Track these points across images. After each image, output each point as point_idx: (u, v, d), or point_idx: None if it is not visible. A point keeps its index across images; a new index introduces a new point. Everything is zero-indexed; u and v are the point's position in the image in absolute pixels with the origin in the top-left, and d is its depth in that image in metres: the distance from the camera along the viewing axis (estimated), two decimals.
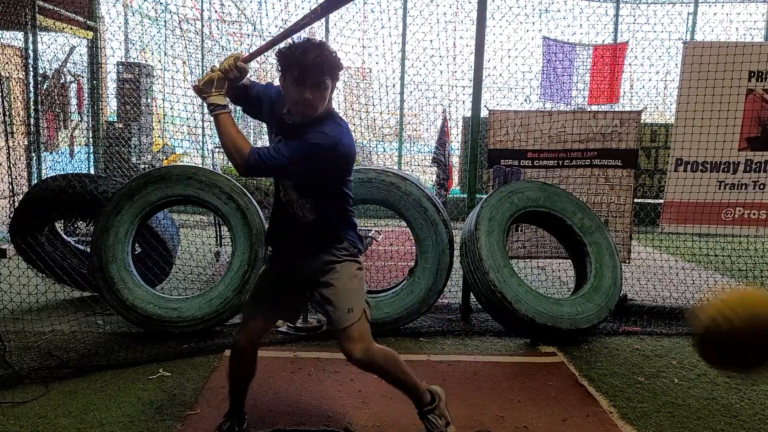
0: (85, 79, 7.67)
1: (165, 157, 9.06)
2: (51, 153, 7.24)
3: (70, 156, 7.77)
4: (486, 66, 4.72)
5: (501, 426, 2.97)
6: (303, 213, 2.50)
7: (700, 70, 4.73)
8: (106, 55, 7.93)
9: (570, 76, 9.19)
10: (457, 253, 4.45)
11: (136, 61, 9.40)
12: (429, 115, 9.54)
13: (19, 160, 6.44)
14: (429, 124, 9.76)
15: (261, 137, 11.32)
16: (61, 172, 5.54)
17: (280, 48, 2.34)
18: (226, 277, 4.15)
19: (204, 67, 9.37)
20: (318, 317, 4.35)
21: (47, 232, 4.94)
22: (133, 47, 9.92)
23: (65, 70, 7.38)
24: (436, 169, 9.96)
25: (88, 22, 7.43)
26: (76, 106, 7.76)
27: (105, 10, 8.12)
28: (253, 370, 2.70)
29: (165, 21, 9.10)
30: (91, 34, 7.50)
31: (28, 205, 4.62)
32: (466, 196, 4.99)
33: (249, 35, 10.04)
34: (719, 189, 4.91)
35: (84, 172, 6.88)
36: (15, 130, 6.96)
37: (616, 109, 8.32)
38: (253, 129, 11.27)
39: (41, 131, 6.79)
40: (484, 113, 4.73)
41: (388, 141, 10.31)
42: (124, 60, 9.24)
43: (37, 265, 4.71)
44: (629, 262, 5.01)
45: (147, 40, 9.55)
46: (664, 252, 5.96)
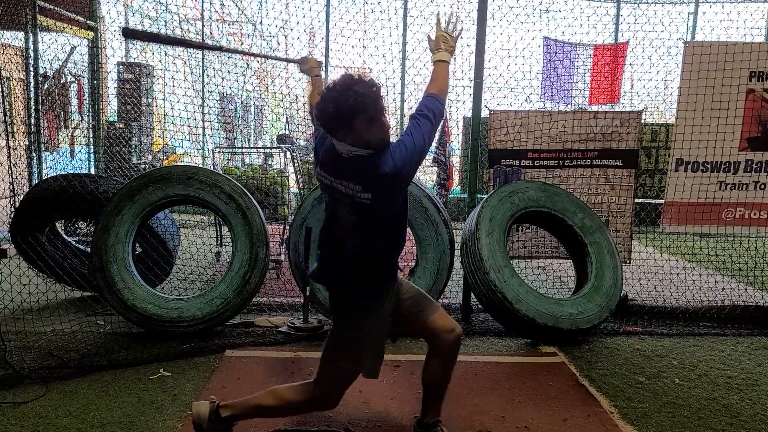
0: (86, 79, 7.67)
1: (165, 157, 9.06)
2: (51, 153, 7.23)
3: (71, 156, 7.77)
4: (486, 66, 4.72)
5: (502, 426, 2.97)
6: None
7: (700, 69, 4.73)
8: (106, 55, 7.94)
9: (570, 76, 9.18)
10: (457, 253, 4.45)
11: (137, 61, 9.40)
12: None
13: (19, 160, 6.44)
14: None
15: (261, 138, 11.32)
16: (62, 172, 5.54)
17: (341, 103, 2.21)
18: (227, 277, 4.15)
19: (205, 67, 9.38)
20: (318, 317, 4.35)
21: (48, 232, 4.94)
22: (134, 47, 9.92)
23: (66, 70, 7.38)
24: (436, 169, 9.96)
25: (88, 22, 7.43)
26: (76, 106, 7.76)
27: (105, 10, 8.13)
28: None
29: (165, 21, 9.10)
30: (91, 34, 7.50)
31: (28, 205, 4.62)
32: (466, 196, 4.99)
33: (249, 35, 10.04)
34: (720, 189, 4.91)
35: (84, 172, 6.88)
36: (16, 130, 6.97)
37: (617, 109, 8.33)
38: (253, 129, 11.26)
39: (42, 131, 6.79)
40: (484, 113, 4.73)
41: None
42: (124, 60, 9.25)
43: (37, 265, 4.71)
44: (630, 262, 5.01)
45: None
46: (665, 252, 5.96)
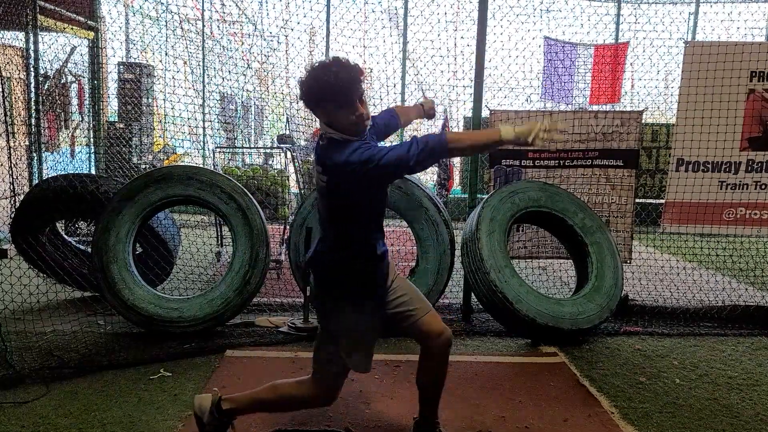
0: (86, 79, 7.68)
1: (166, 157, 9.06)
2: (52, 153, 7.24)
3: (71, 156, 7.77)
4: (487, 66, 4.72)
5: (502, 426, 2.97)
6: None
7: (701, 69, 4.72)
8: (107, 55, 7.94)
9: (571, 75, 9.18)
10: (458, 253, 4.45)
11: (137, 61, 9.41)
12: None
13: (20, 160, 6.43)
14: (430, 124, 9.74)
15: (261, 138, 11.32)
16: (62, 172, 5.54)
17: (309, 83, 2.28)
18: (227, 277, 4.15)
19: (205, 67, 9.38)
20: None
21: (48, 233, 4.95)
22: (134, 47, 9.93)
23: (66, 70, 7.38)
24: (437, 169, 9.96)
25: (89, 22, 7.44)
26: (77, 107, 7.77)
27: (106, 10, 8.14)
28: None
29: (166, 21, 9.10)
30: (92, 34, 7.50)
31: (29, 206, 4.62)
32: (467, 196, 4.98)
33: (250, 35, 10.04)
34: (720, 189, 4.91)
35: (85, 173, 6.88)
36: (16, 131, 6.96)
37: (617, 109, 8.32)
38: (254, 129, 11.26)
39: (42, 131, 6.79)
40: (485, 113, 4.73)
41: (389, 141, 10.31)
42: (125, 60, 9.25)
43: (38, 265, 4.71)
44: (630, 263, 5.00)
45: (148, 40, 9.56)
46: (666, 252, 5.95)
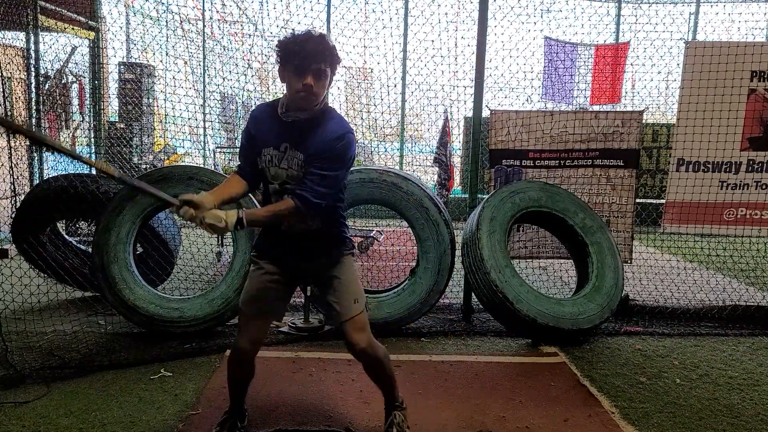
0: (87, 79, 7.68)
1: (166, 157, 9.06)
2: (52, 153, 7.24)
3: None
4: (487, 66, 4.71)
5: (502, 426, 2.97)
6: (310, 221, 2.50)
7: (701, 70, 4.73)
8: (107, 56, 7.94)
9: (572, 76, 9.18)
10: (458, 253, 4.45)
11: (138, 61, 9.41)
12: (430, 115, 9.53)
13: (20, 160, 6.44)
14: (430, 125, 9.75)
15: None
16: (63, 172, 5.54)
17: (281, 39, 2.38)
18: (228, 277, 4.15)
19: (206, 67, 9.38)
20: (320, 317, 4.35)
21: (49, 232, 4.95)
22: (135, 47, 9.93)
23: (67, 70, 7.39)
24: (437, 169, 9.95)
25: (89, 22, 7.44)
26: (77, 107, 7.77)
27: (107, 10, 8.14)
28: (253, 371, 2.71)
29: (166, 21, 9.11)
30: (92, 34, 7.50)
31: (29, 206, 4.62)
32: (467, 196, 4.98)
33: (250, 35, 10.04)
34: (721, 189, 4.91)
35: (86, 172, 6.88)
36: None
37: (618, 109, 8.32)
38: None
39: (43, 131, 6.79)
40: (485, 113, 4.73)
41: (389, 141, 10.31)
42: (125, 60, 9.25)
43: (38, 265, 4.71)
44: (631, 263, 5.00)
45: (148, 40, 9.56)
46: (666, 252, 5.95)
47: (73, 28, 7.21)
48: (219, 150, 7.68)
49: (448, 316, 4.70)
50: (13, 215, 4.66)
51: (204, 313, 4.05)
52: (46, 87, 7.10)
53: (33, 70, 6.63)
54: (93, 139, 7.84)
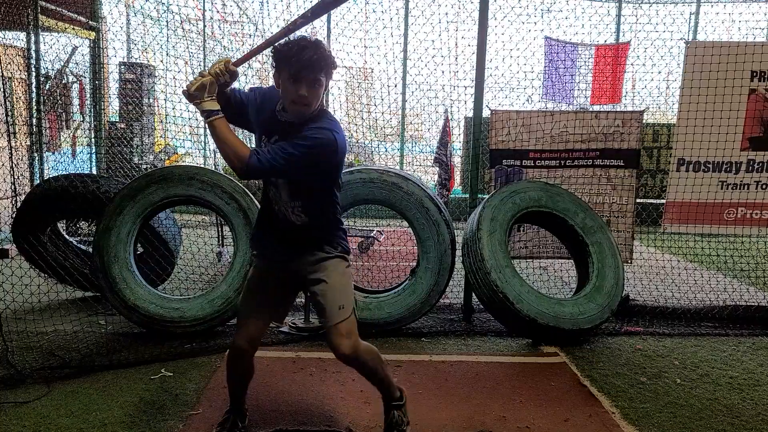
0: (88, 79, 7.68)
1: (167, 157, 9.06)
2: (53, 153, 7.24)
3: (72, 156, 7.78)
4: (488, 66, 4.71)
5: (503, 426, 2.97)
6: (294, 216, 2.50)
7: (702, 70, 4.73)
8: (108, 56, 7.94)
9: (572, 76, 9.17)
10: (458, 253, 4.45)
11: (138, 61, 9.41)
12: (431, 115, 9.52)
13: (21, 160, 6.44)
14: (431, 125, 9.74)
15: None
16: (64, 173, 5.54)
17: (276, 45, 2.35)
18: (228, 277, 4.15)
19: (206, 68, 9.37)
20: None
21: (49, 232, 4.95)
22: (135, 47, 9.93)
23: (67, 70, 7.39)
24: (437, 169, 9.94)
25: (90, 22, 7.44)
26: (78, 107, 7.77)
27: (107, 10, 8.14)
28: (251, 370, 2.71)
29: (167, 21, 9.11)
30: (93, 34, 7.51)
31: (30, 206, 4.62)
32: (468, 196, 4.98)
33: (251, 35, 10.04)
34: (721, 189, 4.91)
35: (86, 173, 6.89)
36: (17, 131, 6.97)
37: (618, 109, 8.31)
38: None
39: (43, 131, 6.80)
40: (486, 113, 4.73)
41: (389, 141, 10.31)
42: (126, 60, 9.25)
43: (39, 265, 4.71)
44: (631, 263, 5.00)
45: (149, 40, 9.56)
46: (666, 252, 5.95)
47: (73, 28, 7.22)
48: None
49: (449, 316, 4.70)
50: (13, 215, 4.66)
51: (204, 313, 4.05)
52: (47, 87, 7.10)
53: (34, 70, 6.63)
54: (93, 139, 7.84)
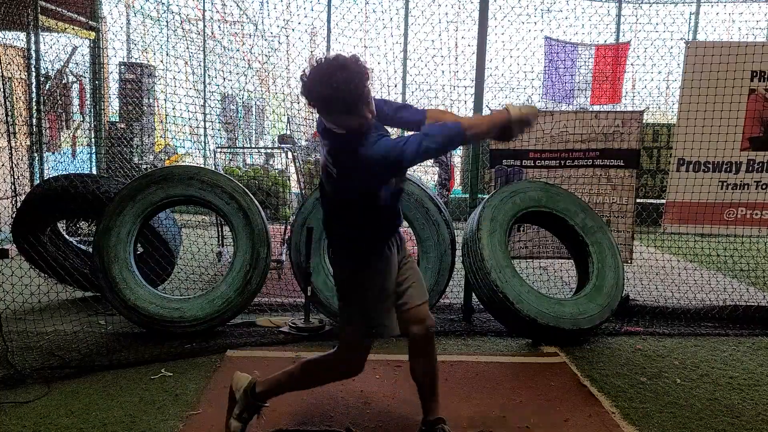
0: (87, 79, 7.68)
1: (167, 157, 9.07)
2: (53, 153, 7.24)
3: (72, 156, 7.78)
4: (488, 66, 4.72)
5: (503, 426, 2.97)
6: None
7: (702, 70, 4.73)
8: (108, 56, 7.94)
9: (572, 76, 9.17)
10: (459, 253, 4.45)
11: (138, 61, 9.41)
12: None
13: (21, 160, 6.44)
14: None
15: (262, 138, 11.31)
16: (64, 173, 5.54)
17: (319, 92, 2.24)
18: (228, 277, 4.15)
19: (206, 68, 9.38)
20: (320, 317, 4.35)
21: (49, 232, 4.95)
22: (135, 47, 9.94)
23: (67, 70, 7.39)
24: (437, 169, 9.97)
25: (90, 22, 7.44)
26: (78, 107, 7.77)
27: (107, 10, 8.14)
28: None
29: (167, 21, 9.11)
30: (93, 34, 7.51)
31: (30, 206, 4.62)
32: (468, 196, 4.99)
33: (251, 36, 10.04)
34: (721, 189, 4.91)
35: (86, 173, 6.89)
36: (17, 131, 6.97)
37: (618, 109, 8.31)
38: (255, 129, 11.26)
39: (43, 132, 6.80)
40: (486, 113, 4.73)
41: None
42: (126, 60, 9.26)
43: (39, 265, 4.71)
44: (631, 263, 5.00)
45: (149, 40, 9.57)
46: (666, 252, 5.95)
47: (73, 28, 7.22)
48: (219, 150, 7.67)
49: (449, 316, 4.70)
50: (13, 215, 4.67)
51: (204, 313, 4.05)
52: (47, 87, 7.10)
53: (34, 70, 6.63)
54: (93, 139, 7.84)
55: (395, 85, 9.26)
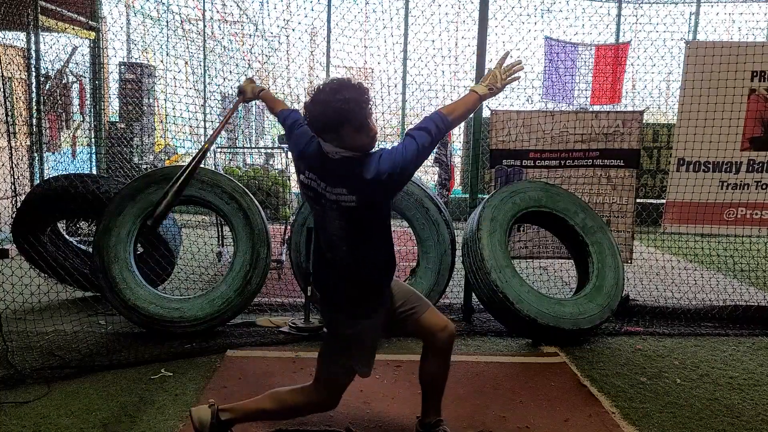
0: (88, 79, 7.68)
1: (167, 157, 9.08)
2: (53, 153, 7.24)
3: (72, 156, 7.78)
4: (488, 66, 4.71)
5: (503, 426, 2.97)
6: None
7: (702, 70, 4.72)
8: (108, 56, 7.94)
9: (572, 76, 9.17)
10: (459, 253, 4.45)
11: (138, 61, 9.41)
12: None
13: (21, 160, 6.44)
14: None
15: (262, 138, 11.32)
16: (64, 173, 5.54)
17: (327, 114, 2.22)
18: (228, 278, 4.15)
19: (206, 68, 9.39)
20: (320, 317, 4.35)
21: (49, 232, 4.95)
22: (135, 47, 9.94)
23: (67, 70, 7.39)
24: (438, 169, 9.96)
25: (90, 22, 7.44)
26: (78, 107, 7.78)
27: (107, 10, 8.15)
28: None
29: (167, 21, 9.11)
30: (93, 34, 7.51)
31: (30, 206, 4.62)
32: (468, 196, 4.99)
33: (251, 35, 10.04)
34: (721, 189, 4.91)
35: (86, 173, 6.89)
36: (17, 131, 6.97)
37: (618, 110, 8.32)
38: (255, 129, 11.27)
39: (43, 132, 6.80)
40: (486, 113, 4.73)
41: (390, 141, 10.31)
42: (126, 60, 9.26)
43: (39, 265, 4.71)
44: (631, 263, 5.00)
45: (149, 40, 9.57)
46: (666, 252, 5.95)
47: (73, 28, 7.22)
48: (219, 150, 7.68)
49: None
50: (13, 215, 4.67)
51: (204, 313, 4.05)
52: (47, 87, 7.10)
53: (34, 70, 6.64)
54: (93, 139, 7.85)
55: (395, 85, 9.27)
